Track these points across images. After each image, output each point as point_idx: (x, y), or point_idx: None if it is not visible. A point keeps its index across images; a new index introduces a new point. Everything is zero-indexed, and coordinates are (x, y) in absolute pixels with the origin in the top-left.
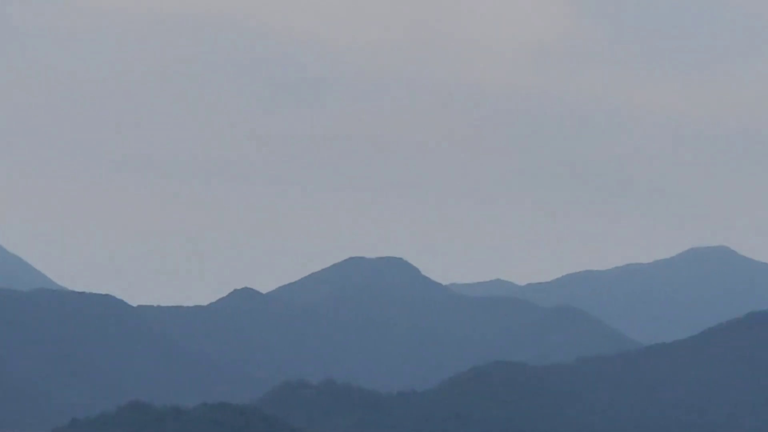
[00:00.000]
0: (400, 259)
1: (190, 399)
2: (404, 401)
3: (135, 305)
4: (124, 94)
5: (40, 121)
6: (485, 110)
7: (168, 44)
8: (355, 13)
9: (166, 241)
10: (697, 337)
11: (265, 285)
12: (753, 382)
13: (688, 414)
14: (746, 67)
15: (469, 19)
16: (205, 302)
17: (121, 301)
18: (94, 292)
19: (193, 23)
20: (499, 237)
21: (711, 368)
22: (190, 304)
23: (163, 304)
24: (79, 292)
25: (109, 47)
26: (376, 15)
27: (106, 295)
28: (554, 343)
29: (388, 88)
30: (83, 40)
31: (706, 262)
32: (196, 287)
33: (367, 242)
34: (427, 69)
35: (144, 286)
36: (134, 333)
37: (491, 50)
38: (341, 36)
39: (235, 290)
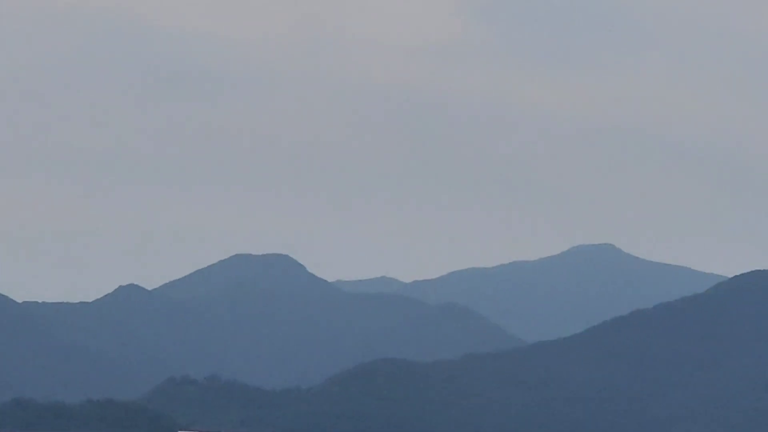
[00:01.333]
0: (286, 256)
1: (74, 395)
2: (289, 397)
3: (20, 301)
4: (8, 87)
5: None
6: (373, 108)
7: (55, 37)
8: (246, 9)
9: (51, 237)
10: (583, 335)
11: (151, 282)
12: (638, 378)
13: (572, 410)
14: (633, 67)
15: (360, 17)
16: (90, 299)
17: (6, 297)
18: None
19: (80, 17)
20: (384, 234)
21: (596, 365)
22: (76, 300)
23: (48, 301)
24: None
25: None
26: (266, 11)
27: None
28: (439, 340)
29: (277, 85)
30: None
31: (591, 259)
32: (82, 284)
33: (253, 239)
34: (317, 66)
35: (29, 282)
36: (19, 329)
37: (381, 48)
38: (231, 31)
39: (121, 287)
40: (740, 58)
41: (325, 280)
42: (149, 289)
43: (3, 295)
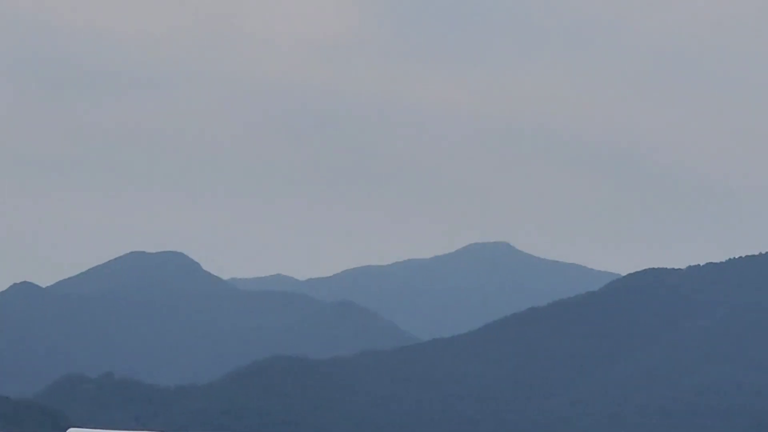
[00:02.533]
0: (181, 253)
1: None
2: (184, 395)
3: None
4: None
5: None
6: (268, 105)
7: None
8: (143, 5)
9: None
10: (477, 332)
11: (45, 279)
12: (532, 375)
13: (467, 407)
14: (528, 65)
15: (255, 14)
16: None
17: None
18: None
19: None
20: (279, 232)
21: (491, 362)
22: None
23: None
24: None
25: None
26: (162, 7)
27: None
28: (334, 337)
29: (172, 82)
30: None
31: (486, 257)
32: None
33: (148, 237)
34: (212, 63)
35: None
36: None
37: (274, 45)
38: (128, 28)
39: (14, 284)
40: (633, 57)
41: (220, 278)
42: (43, 286)
43: None
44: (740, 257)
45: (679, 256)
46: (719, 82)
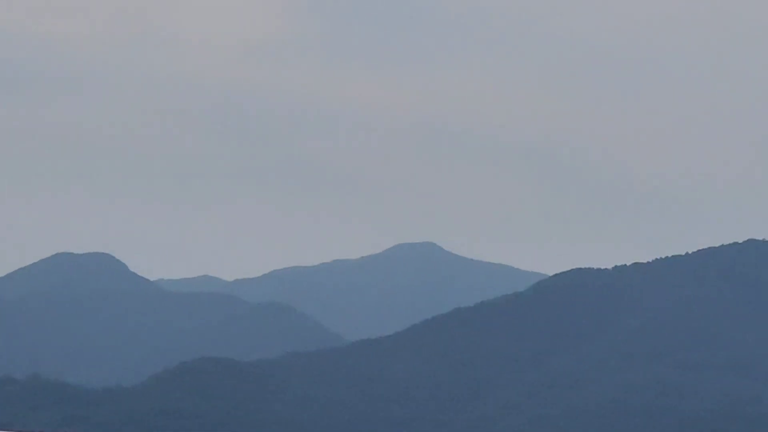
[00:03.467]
0: (108, 255)
1: None
2: (111, 396)
3: None
4: None
5: None
6: (194, 105)
7: None
8: (65, 4)
9: None
10: (404, 333)
11: None
12: (459, 375)
13: (394, 407)
14: (454, 66)
15: (183, 13)
16: None
17: None
18: None
19: None
20: (206, 233)
21: (418, 362)
22: None
23: None
24: None
25: None
26: (86, 6)
27: None
28: (261, 338)
29: (96, 83)
30: None
31: (412, 258)
32: None
33: (75, 238)
34: (138, 63)
35: None
36: None
37: (199, 45)
38: (48, 27)
39: None
40: (558, 58)
41: (147, 279)
42: None
43: None
44: (666, 257)
45: (605, 257)
46: (648, 81)
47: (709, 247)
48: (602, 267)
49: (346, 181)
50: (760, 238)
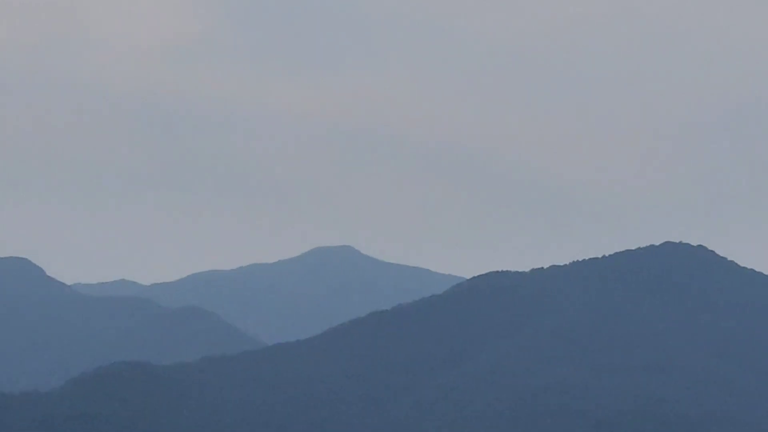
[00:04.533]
0: (24, 259)
1: None
2: (27, 401)
3: None
4: None
5: None
6: (108, 107)
7: None
8: None
9: None
10: (322, 336)
11: None
12: (376, 379)
13: (311, 411)
14: (370, 69)
15: (99, 16)
16: None
17: None
18: None
19: None
20: (123, 237)
21: (335, 366)
22: None
23: None
24: None
25: None
26: None
27: None
28: (179, 342)
29: (5, 82)
30: None
31: (330, 261)
32: None
33: None
34: (48, 63)
35: None
36: None
37: (113, 48)
38: None
39: None
40: (474, 61)
41: (64, 283)
42: None
43: None
44: (583, 260)
45: (522, 259)
46: (565, 84)
47: (626, 250)
48: (519, 270)
49: (263, 185)
50: (677, 241)
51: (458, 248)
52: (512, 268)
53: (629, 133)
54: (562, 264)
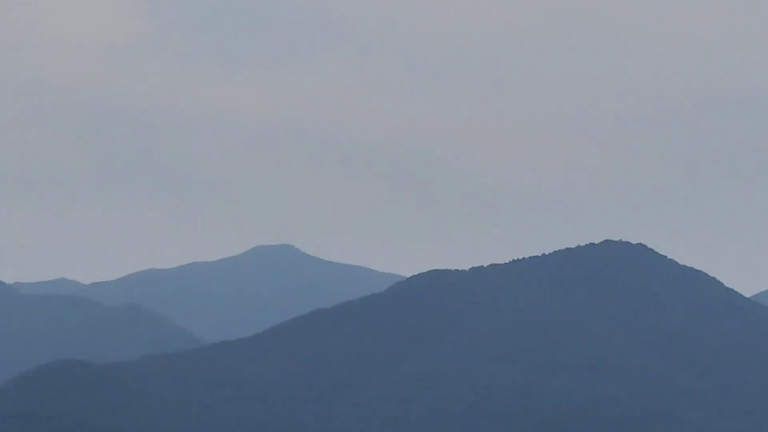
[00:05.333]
0: None
1: None
2: None
3: None
4: None
5: None
6: (50, 104)
7: None
8: None
9: None
10: (263, 335)
11: None
12: (319, 377)
13: (254, 409)
14: (305, 67)
15: (40, 14)
16: None
17: None
18: None
19: None
20: (63, 235)
21: (277, 365)
22: None
23: None
24: None
25: None
26: None
27: None
28: (120, 341)
29: None
30: None
31: (271, 260)
32: None
33: None
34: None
35: None
36: None
37: (61, 46)
38: None
39: None
40: (410, 58)
41: (3, 282)
42: None
43: None
44: (523, 258)
45: (462, 258)
46: (504, 83)
47: (566, 248)
48: (459, 268)
49: (204, 183)
50: (617, 239)
51: (399, 247)
52: (452, 266)
53: (570, 133)
54: (502, 262)
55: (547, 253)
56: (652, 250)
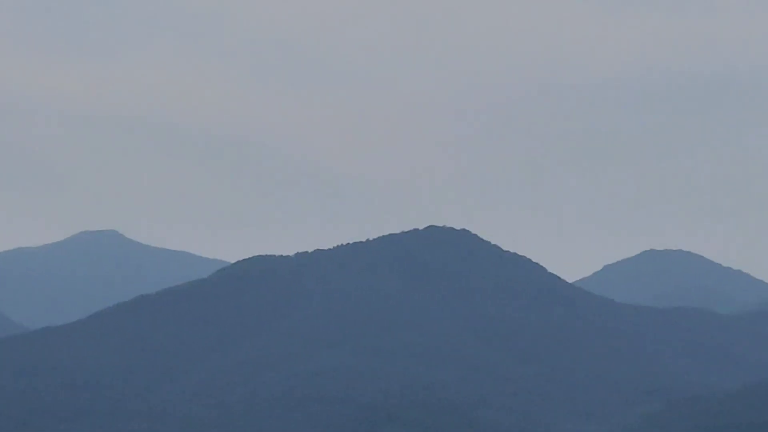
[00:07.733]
0: None
1: None
2: None
3: None
4: None
5: None
6: None
7: None
8: None
9: None
10: (87, 320)
11: None
12: (143, 363)
13: (74, 395)
14: (137, 56)
15: None
16: None
17: None
18: None
19: None
20: None
21: (101, 351)
22: None
23: None
24: None
25: None
26: None
27: None
28: None
29: None
30: None
31: (95, 246)
32: None
33: None
34: None
35: None
36: None
37: None
38: None
39: None
40: (242, 47)
41: None
42: None
43: None
44: (348, 244)
45: (287, 243)
46: (334, 71)
47: (390, 234)
48: (284, 254)
49: (28, 168)
50: (440, 225)
51: (223, 232)
52: (277, 252)
53: (399, 124)
54: (326, 248)
55: (371, 239)
56: (476, 235)
